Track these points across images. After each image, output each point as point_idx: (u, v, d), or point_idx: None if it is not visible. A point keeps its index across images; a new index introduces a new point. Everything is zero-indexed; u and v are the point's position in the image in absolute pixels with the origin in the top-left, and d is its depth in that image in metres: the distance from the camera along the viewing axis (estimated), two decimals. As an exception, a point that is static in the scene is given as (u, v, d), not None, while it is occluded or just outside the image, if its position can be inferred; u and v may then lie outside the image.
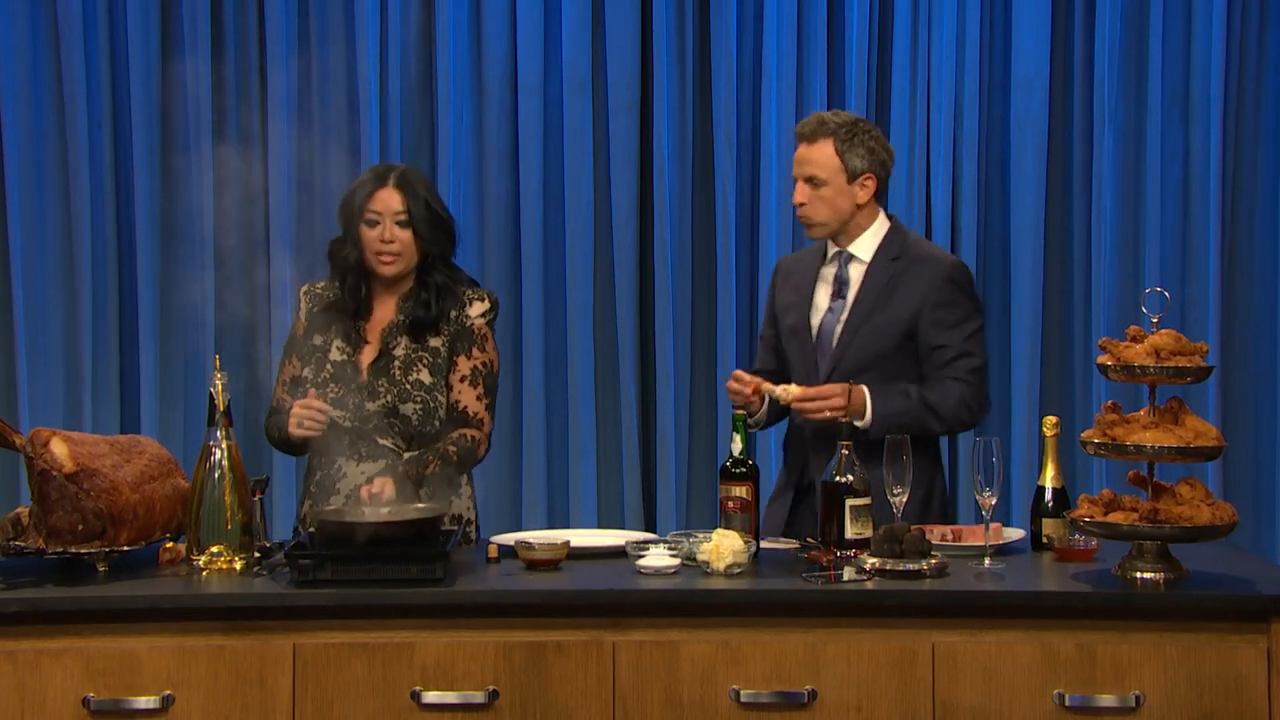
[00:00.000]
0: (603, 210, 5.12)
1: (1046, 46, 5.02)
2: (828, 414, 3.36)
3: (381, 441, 3.38)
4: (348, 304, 3.44)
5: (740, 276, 5.10)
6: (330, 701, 2.80)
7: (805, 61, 5.06)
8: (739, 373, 3.50)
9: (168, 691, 2.79)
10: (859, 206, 3.53)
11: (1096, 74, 5.03)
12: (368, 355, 3.43)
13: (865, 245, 3.56)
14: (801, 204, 3.52)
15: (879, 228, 3.58)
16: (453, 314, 3.43)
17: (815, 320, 3.58)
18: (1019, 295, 5.05)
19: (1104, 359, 2.94)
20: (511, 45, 5.07)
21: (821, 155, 3.49)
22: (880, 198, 3.58)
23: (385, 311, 3.46)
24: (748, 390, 3.45)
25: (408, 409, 3.37)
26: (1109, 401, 2.98)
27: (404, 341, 3.41)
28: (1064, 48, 5.08)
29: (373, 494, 3.16)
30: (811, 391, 3.39)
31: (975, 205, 5.05)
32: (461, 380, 3.41)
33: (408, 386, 3.38)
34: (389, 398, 3.37)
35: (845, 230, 3.55)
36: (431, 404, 3.39)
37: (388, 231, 3.37)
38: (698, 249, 5.14)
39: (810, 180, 3.50)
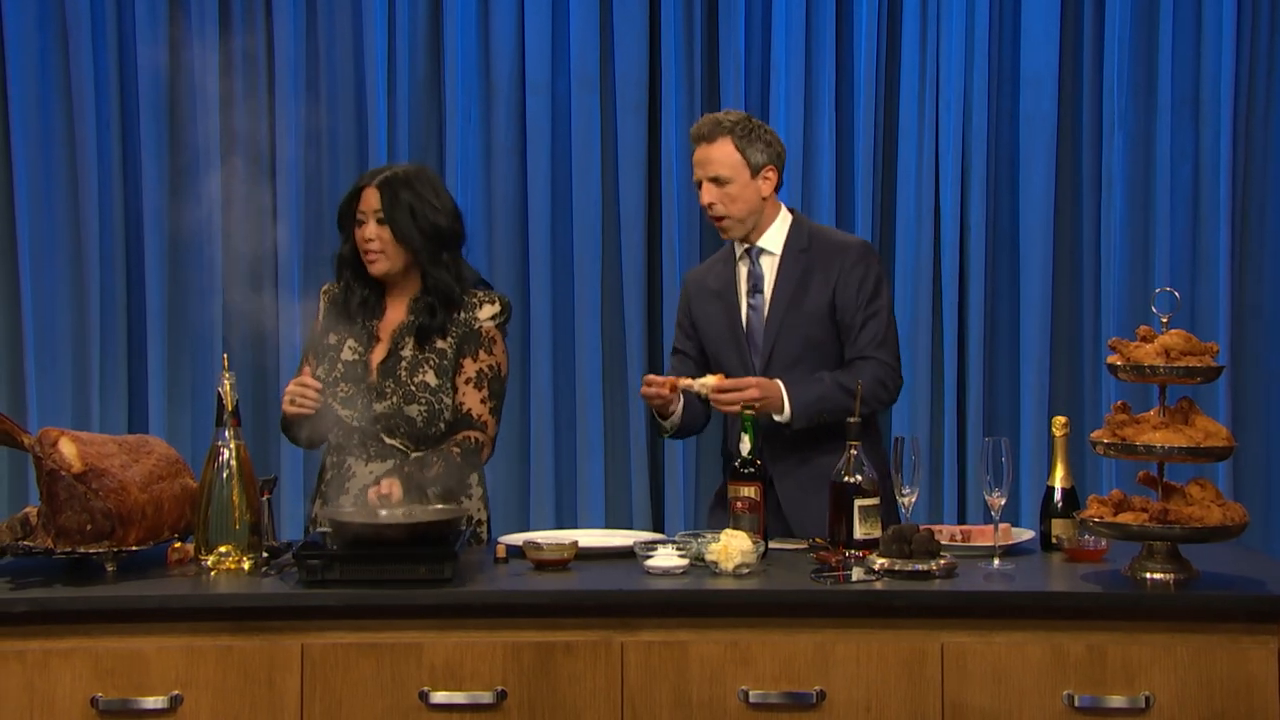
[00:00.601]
0: (610, 209, 5.11)
1: (1056, 45, 5.01)
2: (741, 398, 3.37)
3: (389, 441, 3.38)
4: (353, 303, 3.45)
5: (748, 276, 5.09)
6: (338, 702, 2.80)
7: (813, 60, 5.05)
8: (649, 376, 3.54)
9: (176, 691, 2.79)
10: (764, 199, 3.59)
11: (1106, 73, 5.02)
12: (378, 355, 3.43)
13: (773, 238, 3.62)
14: (711, 204, 3.56)
15: (783, 221, 3.64)
16: (461, 315, 3.42)
17: (743, 319, 3.62)
18: (1028, 295, 5.04)
19: (1114, 359, 2.93)
20: (519, 44, 5.07)
21: (721, 154, 3.54)
22: (778, 190, 3.64)
23: (397, 312, 3.46)
24: (664, 390, 3.49)
25: (412, 410, 3.37)
26: (1119, 401, 2.97)
27: (411, 343, 3.41)
28: (1073, 46, 5.06)
29: (381, 495, 3.16)
30: (728, 383, 3.42)
31: (984, 204, 5.04)
32: (466, 383, 3.41)
33: (413, 388, 3.38)
34: (395, 399, 3.37)
35: (755, 225, 3.61)
36: (436, 406, 3.38)
37: (370, 230, 3.39)
38: (706, 248, 5.13)
39: (715, 180, 3.55)
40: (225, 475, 3.04)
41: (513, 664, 2.82)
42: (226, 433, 3.07)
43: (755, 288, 3.62)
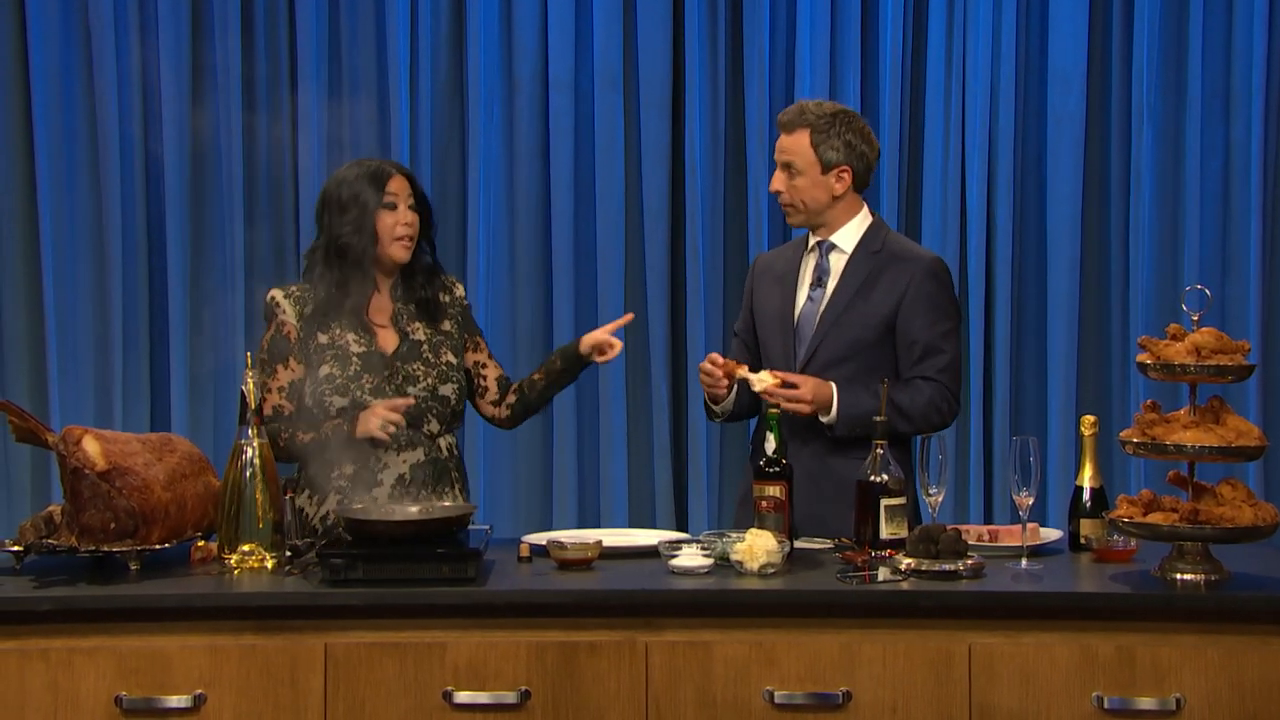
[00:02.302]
0: (634, 207, 5.10)
1: (1084, 40, 4.97)
2: (793, 408, 3.37)
3: (422, 427, 3.41)
4: (356, 296, 3.40)
5: (772, 274, 5.07)
6: (362, 701, 2.79)
7: (839, 58, 5.03)
8: (713, 355, 3.50)
9: (199, 690, 2.78)
10: (835, 198, 3.54)
11: (1135, 68, 4.98)
12: (388, 344, 3.43)
13: (847, 236, 3.58)
14: (778, 190, 3.56)
15: (861, 220, 3.60)
16: (444, 297, 3.52)
17: (797, 309, 3.59)
18: (1055, 293, 5.00)
19: (1144, 357, 2.90)
20: (542, 41, 5.06)
21: (797, 145, 3.52)
22: (860, 190, 3.60)
23: (382, 300, 3.47)
24: (718, 374, 3.46)
25: (447, 390, 3.44)
26: (1149, 400, 2.94)
27: (421, 326, 3.46)
28: (1102, 41, 5.02)
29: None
30: (781, 390, 3.38)
31: (1011, 202, 5.01)
32: (490, 358, 3.59)
33: (444, 368, 3.45)
34: (429, 380, 3.42)
35: (825, 221, 3.57)
36: (462, 383, 3.48)
37: (405, 215, 3.41)
38: (729, 246, 5.11)
39: (787, 168, 3.53)
40: (249, 474, 3.04)
41: (536, 664, 2.81)
42: (249, 431, 3.06)
43: (819, 281, 3.58)
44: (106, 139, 5.00)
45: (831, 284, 3.55)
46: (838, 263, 3.57)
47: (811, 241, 3.62)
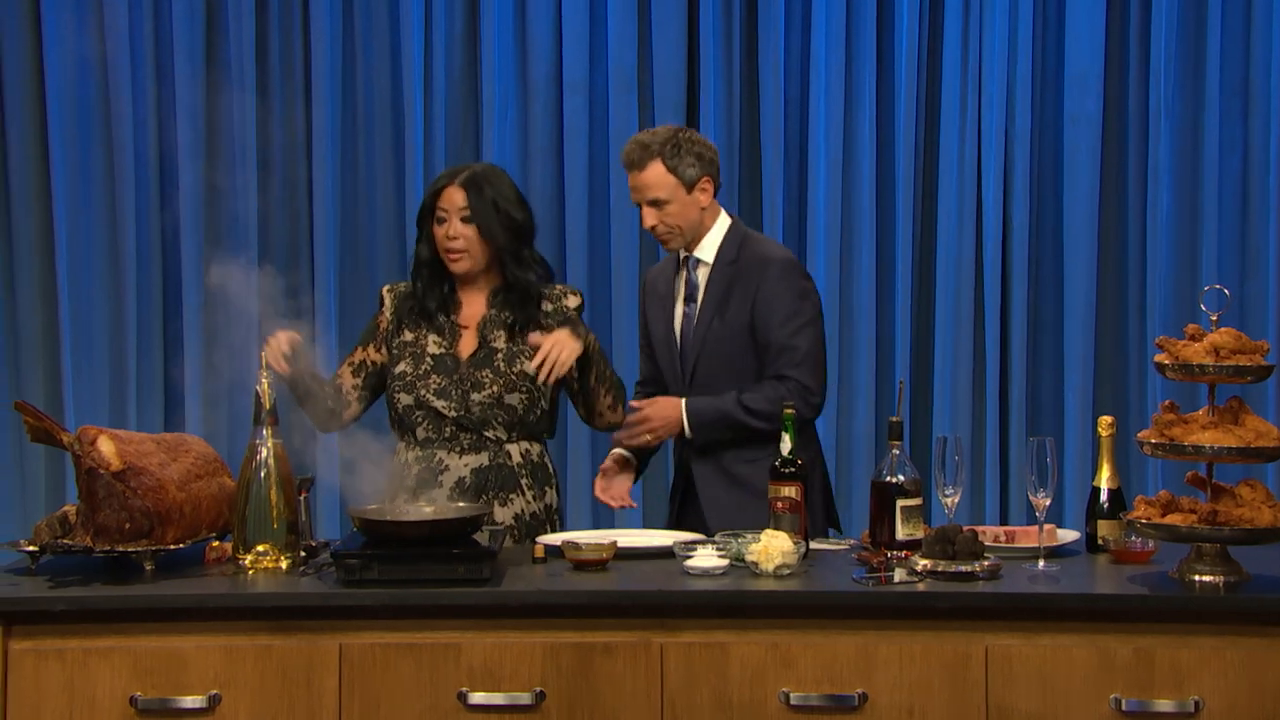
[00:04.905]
0: (649, 208, 5.08)
1: (1101, 39, 4.96)
2: (647, 438, 3.56)
3: (486, 434, 3.43)
4: (429, 300, 3.48)
5: (787, 275, 5.06)
6: (377, 702, 2.79)
7: (854, 60, 5.02)
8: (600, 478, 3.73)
9: (214, 691, 2.78)
10: (703, 209, 3.61)
11: (1153, 65, 4.97)
12: (466, 348, 3.47)
13: (707, 248, 3.64)
14: (653, 226, 3.59)
15: (719, 229, 3.66)
16: (549, 307, 3.50)
17: (677, 327, 3.68)
18: (1072, 294, 4.99)
19: (1161, 358, 2.88)
20: (557, 43, 5.06)
21: (655, 177, 3.56)
22: (717, 193, 3.66)
23: (475, 305, 3.51)
24: (622, 494, 3.71)
25: (513, 399, 3.43)
26: (1167, 401, 2.92)
27: (503, 335, 3.46)
28: (1119, 39, 5.01)
29: (533, 342, 3.35)
30: (623, 433, 3.58)
31: (1027, 203, 5.00)
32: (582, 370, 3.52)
33: (514, 377, 3.44)
34: (494, 388, 3.42)
35: (696, 236, 3.64)
36: (536, 393, 3.45)
37: (453, 228, 3.42)
38: (744, 247, 5.10)
39: (654, 203, 3.57)
40: (263, 474, 3.03)
41: (551, 665, 2.80)
42: (264, 431, 3.06)
43: (690, 296, 3.67)
44: (121, 141, 5.01)
45: (699, 299, 3.64)
46: (702, 276, 3.65)
47: (682, 256, 3.68)
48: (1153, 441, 2.86)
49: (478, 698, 2.79)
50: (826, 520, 3.69)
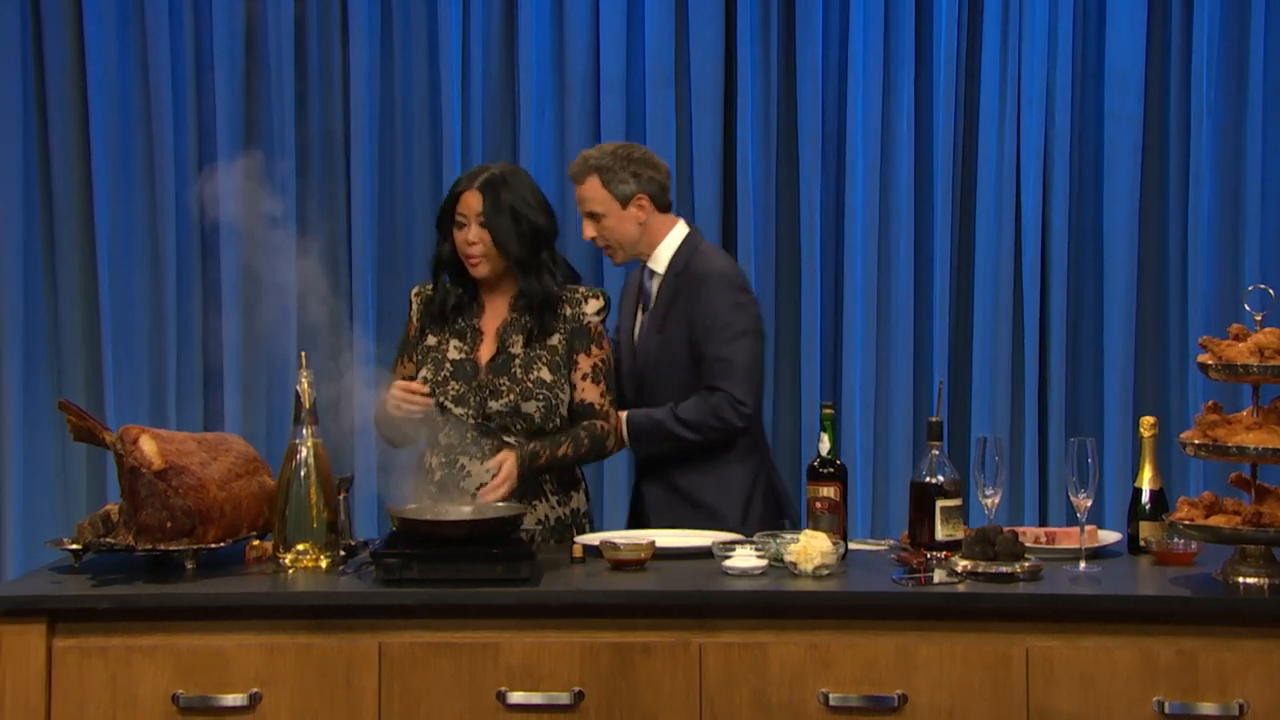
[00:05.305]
0: (685, 208, 5.08)
1: (1143, 37, 4.92)
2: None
3: (506, 439, 3.40)
4: (448, 302, 3.48)
5: (825, 275, 5.05)
6: (416, 701, 2.79)
7: (892, 56, 4.99)
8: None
9: (255, 689, 2.79)
10: (641, 224, 3.70)
11: (1195, 64, 4.92)
12: (485, 353, 3.46)
13: (661, 259, 3.73)
14: (592, 238, 3.74)
15: (674, 238, 3.74)
16: (568, 311, 3.45)
17: (636, 333, 3.76)
18: (1112, 293, 4.95)
19: (1205, 358, 2.86)
20: (594, 41, 5.05)
21: (591, 191, 3.69)
22: (666, 209, 3.74)
23: (498, 309, 3.49)
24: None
25: (530, 407, 3.40)
26: (1210, 401, 2.90)
27: (520, 340, 3.43)
28: (1161, 37, 4.96)
29: (489, 467, 3.26)
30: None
31: (1067, 203, 4.96)
32: (584, 378, 3.45)
33: (529, 385, 3.40)
34: (511, 396, 3.40)
35: (642, 250, 3.75)
36: (553, 401, 3.41)
37: (471, 233, 3.41)
38: (782, 247, 5.09)
39: (591, 216, 3.72)
40: (303, 474, 3.05)
41: (590, 665, 2.80)
42: (304, 431, 3.07)
43: (645, 305, 3.76)
44: (162, 139, 5.03)
45: (650, 308, 3.73)
46: (655, 287, 3.73)
47: (642, 264, 3.78)
48: (1196, 442, 2.84)
49: (516, 697, 2.80)
50: (770, 523, 3.65)
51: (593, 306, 3.48)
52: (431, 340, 3.49)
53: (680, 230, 3.75)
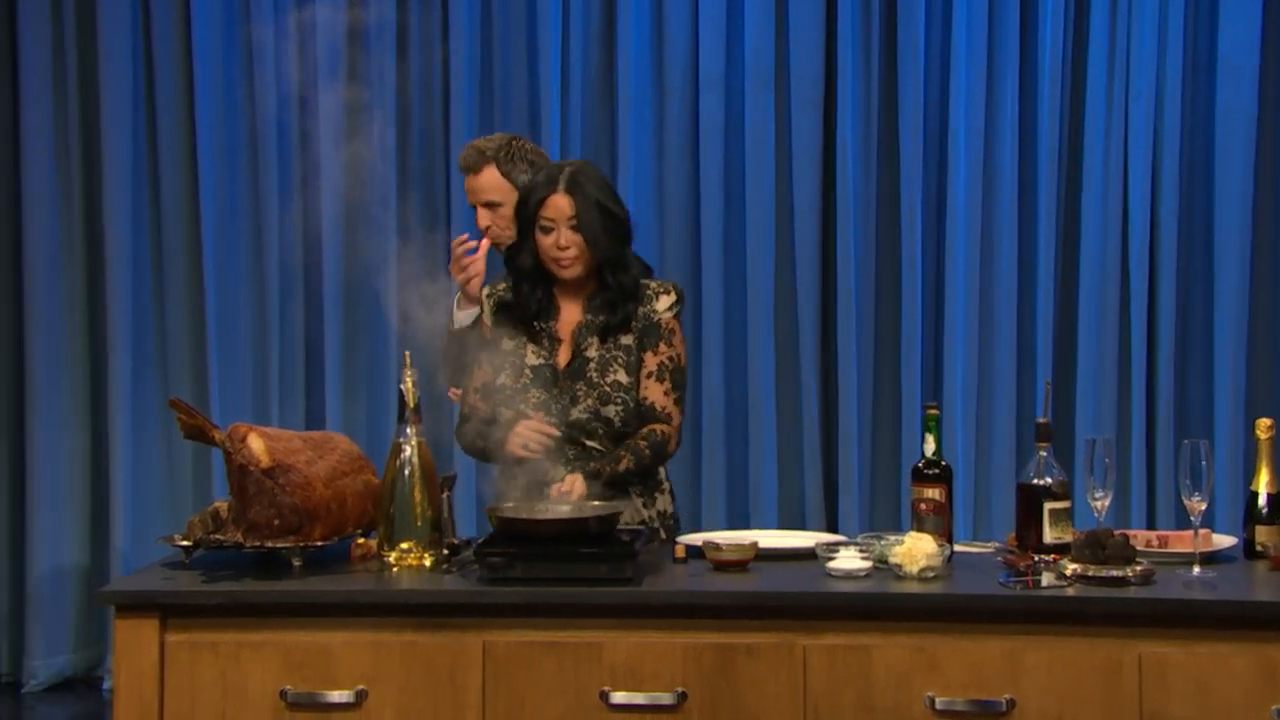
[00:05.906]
0: (784, 207, 5.06)
1: (1258, 28, 4.82)
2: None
3: (589, 444, 3.34)
4: (529, 307, 3.39)
5: (926, 274, 5.00)
6: (520, 700, 2.80)
7: (996, 52, 4.94)
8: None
9: (361, 686, 2.81)
10: None
11: (1313, 57, 4.82)
12: (562, 358, 3.38)
13: None
14: (487, 227, 3.77)
15: None
16: (640, 309, 3.37)
17: None
18: (1223, 292, 4.87)
19: (1325, 357, 2.79)
20: (693, 39, 5.05)
21: (489, 180, 3.74)
22: None
23: (573, 312, 3.41)
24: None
25: (609, 411, 3.33)
26: (1330, 402, 2.83)
27: (595, 342, 3.36)
28: (1276, 29, 4.86)
29: (562, 491, 3.15)
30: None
31: (1176, 199, 4.88)
32: (648, 376, 3.36)
33: (607, 388, 3.34)
34: (590, 401, 3.33)
35: None
36: (631, 403, 3.34)
37: (563, 238, 3.30)
38: (882, 247, 5.05)
39: (487, 205, 3.77)
40: (407, 472, 3.06)
41: (693, 665, 2.79)
42: (408, 430, 3.08)
43: None
44: (265, 143, 5.12)
45: None
46: None
47: None
48: (1315, 444, 2.77)
49: (619, 697, 2.79)
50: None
51: (664, 303, 3.38)
52: (508, 345, 3.38)
53: None
